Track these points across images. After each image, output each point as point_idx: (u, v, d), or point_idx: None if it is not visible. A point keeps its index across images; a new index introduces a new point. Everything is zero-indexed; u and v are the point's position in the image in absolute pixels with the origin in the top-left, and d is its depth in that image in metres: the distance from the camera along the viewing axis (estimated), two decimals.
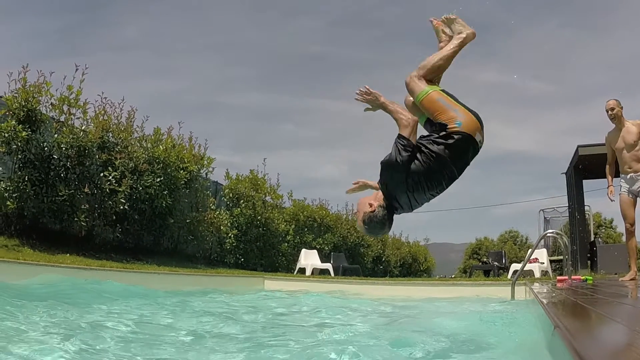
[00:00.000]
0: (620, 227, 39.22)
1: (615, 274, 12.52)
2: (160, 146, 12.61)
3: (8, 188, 9.72)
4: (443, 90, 3.69)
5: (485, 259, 21.96)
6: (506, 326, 3.83)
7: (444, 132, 3.49)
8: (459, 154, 3.51)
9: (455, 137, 3.46)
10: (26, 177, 9.92)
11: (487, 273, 18.76)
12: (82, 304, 5.22)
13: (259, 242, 16.69)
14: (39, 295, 5.63)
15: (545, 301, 3.49)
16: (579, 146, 15.62)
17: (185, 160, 13.23)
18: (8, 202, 9.66)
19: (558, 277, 9.61)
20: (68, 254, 9.64)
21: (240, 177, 17.18)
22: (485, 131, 3.55)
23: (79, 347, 3.06)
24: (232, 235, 15.87)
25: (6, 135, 9.73)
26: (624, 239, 8.75)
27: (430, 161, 3.44)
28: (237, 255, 16.12)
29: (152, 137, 12.81)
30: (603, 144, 8.51)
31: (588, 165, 15.24)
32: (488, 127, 3.58)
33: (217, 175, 16.31)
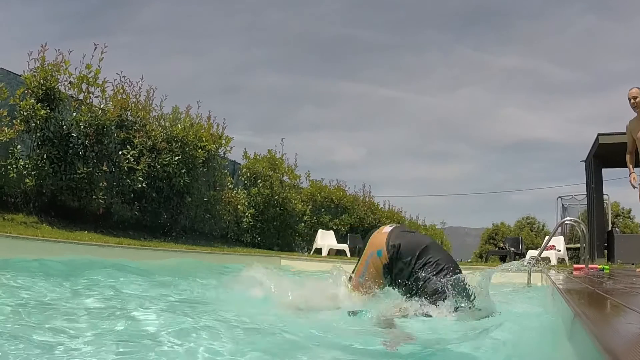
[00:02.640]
0: (639, 218, 38.84)
1: (632, 264, 12.40)
2: (179, 125, 12.66)
3: (27, 166, 9.81)
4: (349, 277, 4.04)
5: (501, 245, 21.85)
6: (523, 312, 3.81)
7: (392, 260, 3.73)
8: (410, 252, 3.71)
9: (395, 251, 3.72)
10: (45, 155, 10.00)
11: (503, 259, 18.69)
12: (103, 280, 5.29)
13: (276, 221, 16.74)
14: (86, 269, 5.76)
15: (563, 289, 3.46)
16: (599, 134, 15.41)
17: (204, 139, 13.26)
18: (27, 180, 9.75)
19: (575, 265, 9.55)
20: (86, 231, 9.73)
21: (258, 157, 17.19)
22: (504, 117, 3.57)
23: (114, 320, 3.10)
24: (249, 215, 15.93)
25: (25, 113, 9.81)
26: None
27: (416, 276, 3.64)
28: (254, 235, 16.18)
29: (171, 116, 12.85)
30: (624, 133, 8.36)
31: (608, 154, 15.04)
32: (508, 113, 3.60)
33: (235, 155, 16.35)
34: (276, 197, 16.65)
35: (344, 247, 16.29)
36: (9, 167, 9.64)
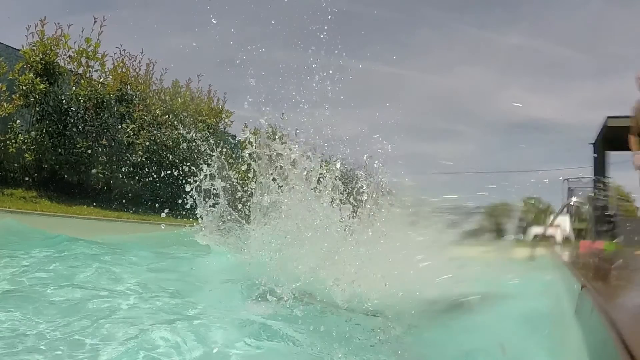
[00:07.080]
0: (638, 201, 38.56)
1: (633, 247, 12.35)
2: (179, 99, 12.54)
3: (26, 140, 9.72)
4: None
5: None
6: (526, 285, 3.74)
7: None
8: None
9: None
10: (44, 129, 9.92)
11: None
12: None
13: None
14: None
15: (569, 263, 3.38)
16: (608, 117, 15.18)
17: (204, 113, 13.15)
18: (26, 154, 9.68)
19: (581, 242, 9.50)
20: (85, 206, 9.67)
21: (258, 131, 17.07)
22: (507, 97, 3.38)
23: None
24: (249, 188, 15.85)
25: (24, 88, 9.70)
26: None
27: None
28: None
29: (171, 90, 12.73)
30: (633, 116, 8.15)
31: (616, 137, 14.83)
32: (512, 93, 3.42)
33: (235, 129, 16.21)
34: None
35: None
36: (8, 142, 9.56)
